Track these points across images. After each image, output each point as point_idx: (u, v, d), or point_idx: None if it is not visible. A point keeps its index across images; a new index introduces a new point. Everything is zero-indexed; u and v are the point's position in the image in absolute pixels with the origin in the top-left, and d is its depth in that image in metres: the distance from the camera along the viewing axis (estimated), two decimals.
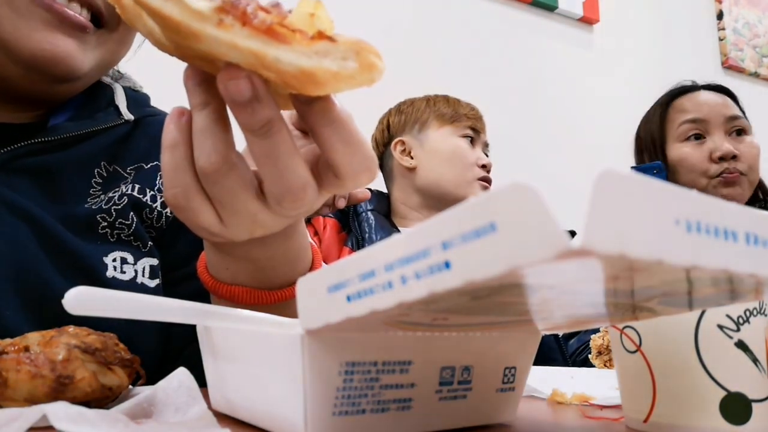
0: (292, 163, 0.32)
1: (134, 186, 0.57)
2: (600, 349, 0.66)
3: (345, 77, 0.28)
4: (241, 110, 0.30)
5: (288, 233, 0.41)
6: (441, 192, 1.24)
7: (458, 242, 0.18)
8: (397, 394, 0.29)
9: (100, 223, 0.54)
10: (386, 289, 0.21)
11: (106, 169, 0.58)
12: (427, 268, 0.19)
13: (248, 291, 0.43)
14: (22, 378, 0.28)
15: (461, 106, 1.30)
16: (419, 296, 0.19)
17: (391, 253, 0.21)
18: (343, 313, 0.23)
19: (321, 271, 0.24)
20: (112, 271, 0.53)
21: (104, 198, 0.56)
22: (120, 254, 0.54)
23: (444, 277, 0.18)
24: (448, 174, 1.24)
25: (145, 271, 0.55)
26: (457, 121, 1.27)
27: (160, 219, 0.58)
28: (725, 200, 0.20)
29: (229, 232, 0.35)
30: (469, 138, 1.27)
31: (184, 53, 0.31)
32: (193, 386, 0.30)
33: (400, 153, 1.29)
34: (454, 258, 0.18)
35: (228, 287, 0.43)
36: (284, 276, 0.43)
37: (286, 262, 0.43)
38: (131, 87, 0.67)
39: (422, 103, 1.31)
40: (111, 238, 0.54)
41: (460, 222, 0.18)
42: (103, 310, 0.29)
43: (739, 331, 0.32)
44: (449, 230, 0.18)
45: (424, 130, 1.28)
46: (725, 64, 2.47)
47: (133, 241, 0.56)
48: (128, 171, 0.59)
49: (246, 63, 0.28)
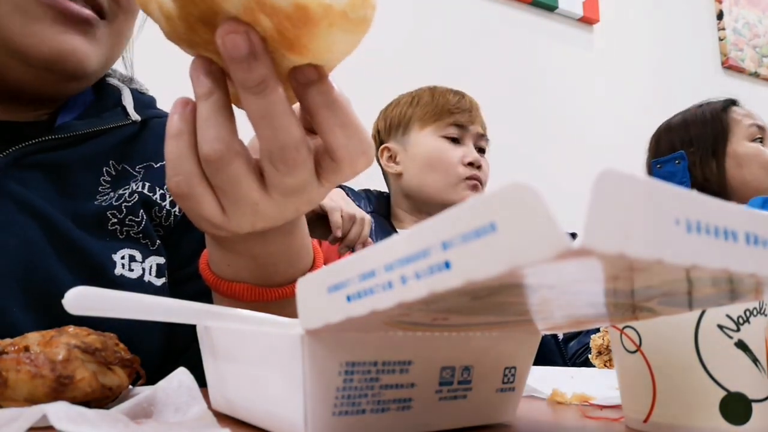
0: (286, 121, 0.32)
1: (144, 184, 0.58)
2: (600, 349, 0.66)
3: (338, 14, 0.28)
4: (238, 66, 0.30)
5: (289, 229, 0.41)
6: (425, 198, 1.21)
7: (458, 242, 0.18)
8: (397, 394, 0.29)
9: (110, 219, 0.54)
10: (386, 289, 0.21)
11: (115, 167, 0.58)
12: (427, 268, 0.19)
13: (249, 288, 0.43)
14: (22, 378, 0.28)
15: (446, 100, 1.24)
16: (419, 296, 0.19)
17: (391, 253, 0.21)
18: (343, 313, 0.23)
19: (321, 271, 0.24)
20: (120, 269, 0.53)
21: (114, 195, 0.56)
22: (129, 252, 0.54)
23: (444, 277, 0.18)
24: (429, 179, 1.20)
25: (152, 270, 0.55)
26: (440, 119, 1.22)
27: (168, 218, 0.59)
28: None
29: (231, 223, 0.36)
30: (454, 137, 1.22)
31: (192, 38, 0.32)
32: (193, 386, 0.30)
33: (387, 160, 1.27)
34: (454, 258, 0.18)
35: (229, 284, 0.43)
36: (285, 274, 0.44)
37: (286, 259, 0.43)
38: (138, 89, 0.67)
39: (406, 104, 1.27)
40: (120, 234, 0.55)
41: (460, 222, 0.18)
42: (104, 310, 0.29)
43: (739, 331, 0.32)
44: (449, 230, 0.18)
45: (407, 133, 1.25)
46: (725, 64, 2.48)
47: (142, 239, 0.56)
48: (137, 169, 0.59)
49: (244, 7, 0.29)
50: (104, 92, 0.63)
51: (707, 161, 1.34)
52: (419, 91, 1.29)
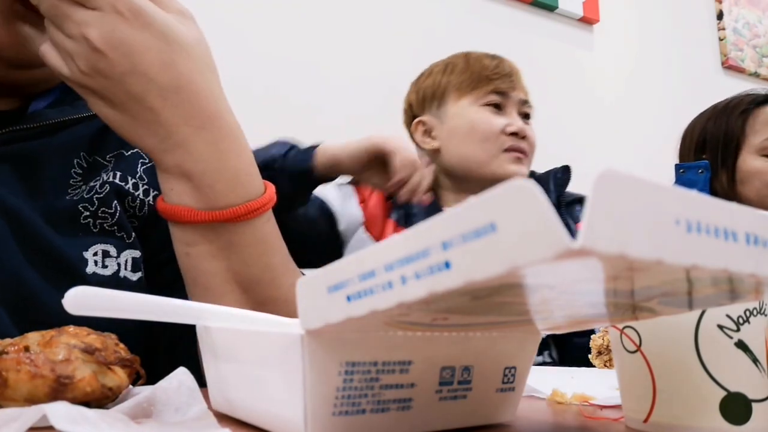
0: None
1: (115, 173, 0.56)
2: (600, 349, 0.66)
3: None
4: None
5: (211, 142, 0.45)
6: (466, 173, 1.09)
7: (458, 242, 0.18)
8: (397, 394, 0.29)
9: (82, 213, 0.53)
10: (386, 289, 0.21)
11: (86, 159, 0.57)
12: (427, 268, 0.19)
13: (188, 210, 0.46)
14: (22, 378, 0.28)
15: (483, 66, 1.13)
16: (419, 296, 0.19)
17: (391, 253, 0.21)
18: (343, 313, 0.23)
19: (321, 271, 0.24)
20: (93, 267, 0.52)
21: (85, 188, 0.55)
22: (102, 247, 0.53)
23: (444, 277, 0.18)
24: (469, 152, 1.08)
25: (128, 264, 0.54)
26: (478, 86, 1.11)
27: (142, 208, 0.57)
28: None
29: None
30: (496, 103, 1.10)
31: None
32: (193, 386, 0.30)
33: (422, 135, 1.14)
34: (454, 258, 0.18)
35: (172, 207, 0.46)
36: (225, 198, 0.46)
37: (222, 180, 0.46)
38: None
39: (440, 73, 1.15)
40: (94, 228, 0.53)
41: (460, 222, 0.18)
42: (104, 309, 0.29)
43: (739, 331, 0.32)
44: (449, 230, 0.18)
45: (443, 104, 1.12)
46: (725, 64, 2.47)
47: (117, 232, 0.54)
48: (108, 159, 0.58)
49: None
50: None
51: (717, 173, 1.21)
52: (452, 58, 1.18)
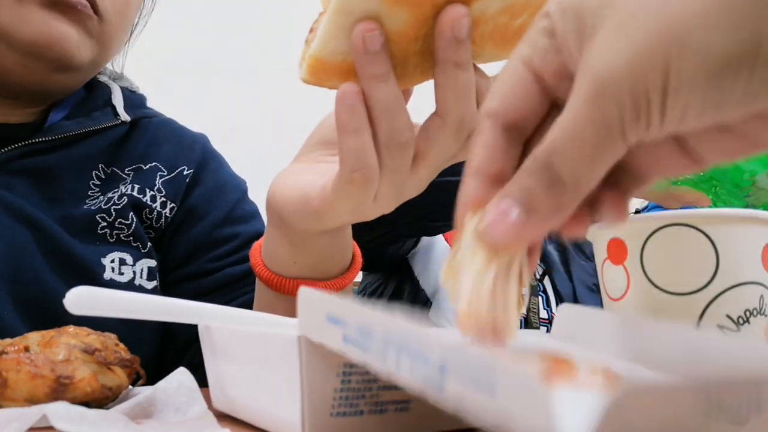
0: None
1: (134, 186, 0.57)
2: None
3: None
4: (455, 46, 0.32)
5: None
6: None
7: (455, 377, 0.18)
8: (395, 396, 0.29)
9: (100, 223, 0.54)
10: (380, 358, 0.21)
11: (104, 170, 0.58)
12: (422, 375, 0.19)
13: (313, 284, 0.44)
14: (22, 378, 0.28)
15: None
16: (411, 389, 0.20)
17: (393, 330, 0.20)
18: (339, 347, 0.23)
19: (322, 296, 0.25)
20: (110, 273, 0.53)
21: (103, 198, 0.56)
22: (119, 255, 0.54)
23: (437, 393, 0.19)
24: None
25: (143, 273, 0.55)
26: None
27: (159, 219, 0.58)
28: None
29: (378, 205, 0.37)
30: None
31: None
32: (193, 386, 0.30)
33: None
34: (448, 386, 0.18)
35: (294, 281, 0.44)
36: (336, 267, 0.45)
37: (339, 250, 0.45)
38: (128, 87, 0.66)
39: None
40: (110, 238, 0.54)
41: (463, 361, 0.18)
42: (104, 309, 0.29)
43: (739, 331, 0.32)
44: (452, 360, 0.18)
45: None
46: None
47: (133, 242, 0.55)
48: (126, 172, 0.59)
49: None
50: (94, 89, 0.62)
51: None
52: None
